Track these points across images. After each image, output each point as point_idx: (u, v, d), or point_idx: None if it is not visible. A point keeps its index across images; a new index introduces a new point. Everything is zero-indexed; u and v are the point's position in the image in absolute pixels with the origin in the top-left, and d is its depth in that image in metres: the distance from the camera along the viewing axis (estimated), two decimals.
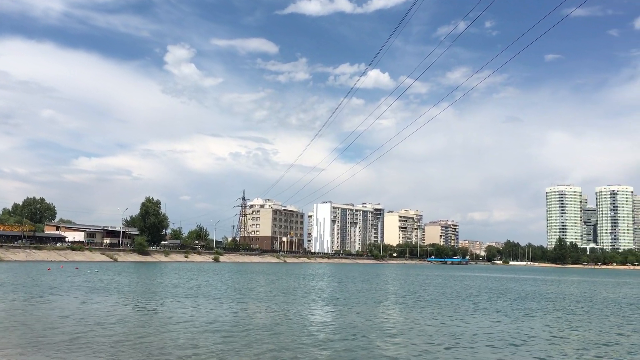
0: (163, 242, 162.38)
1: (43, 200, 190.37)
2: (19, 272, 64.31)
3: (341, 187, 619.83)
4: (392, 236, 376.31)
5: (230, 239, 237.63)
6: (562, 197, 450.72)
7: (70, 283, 49.22)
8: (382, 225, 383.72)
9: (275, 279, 69.03)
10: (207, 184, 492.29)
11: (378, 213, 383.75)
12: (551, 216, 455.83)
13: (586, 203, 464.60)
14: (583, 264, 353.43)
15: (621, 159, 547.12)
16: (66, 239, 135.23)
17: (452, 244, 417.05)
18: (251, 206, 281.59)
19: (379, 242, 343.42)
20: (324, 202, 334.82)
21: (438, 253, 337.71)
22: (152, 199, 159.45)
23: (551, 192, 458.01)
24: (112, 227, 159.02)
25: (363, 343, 21.10)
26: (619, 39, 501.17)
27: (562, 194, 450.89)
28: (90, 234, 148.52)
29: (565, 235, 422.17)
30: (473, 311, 34.70)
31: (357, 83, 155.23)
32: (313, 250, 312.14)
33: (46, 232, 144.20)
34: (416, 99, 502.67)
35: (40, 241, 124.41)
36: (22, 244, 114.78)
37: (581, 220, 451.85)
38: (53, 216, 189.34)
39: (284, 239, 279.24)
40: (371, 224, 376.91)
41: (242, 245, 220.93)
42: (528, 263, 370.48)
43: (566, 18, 32.78)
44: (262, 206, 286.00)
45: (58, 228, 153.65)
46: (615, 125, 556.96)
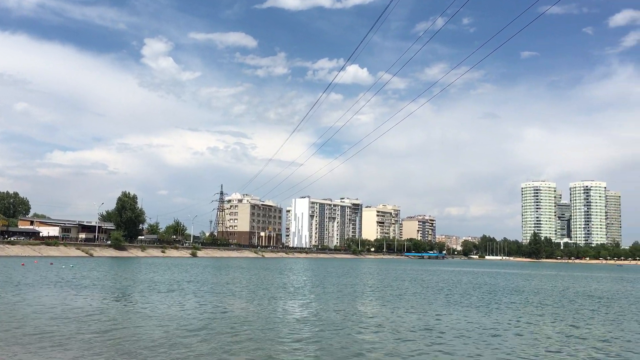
0: (140, 237, 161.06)
1: (17, 194, 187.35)
2: None
3: (319, 182, 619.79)
4: (370, 231, 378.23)
5: (208, 234, 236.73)
6: (537, 193, 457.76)
7: (43, 278, 48.70)
8: (360, 220, 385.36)
9: (252, 274, 69.08)
10: (185, 179, 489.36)
11: (356, 208, 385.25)
12: (526, 211, 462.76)
13: (560, 198, 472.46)
14: (557, 259, 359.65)
15: (595, 155, 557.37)
16: (40, 234, 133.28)
17: (430, 239, 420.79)
18: (229, 201, 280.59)
19: (357, 237, 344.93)
20: (302, 197, 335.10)
21: (415, 248, 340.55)
22: (129, 194, 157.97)
23: (526, 188, 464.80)
24: (88, 222, 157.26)
25: (338, 337, 21.39)
26: (594, 37, 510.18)
27: (537, 190, 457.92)
28: (65, 229, 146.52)
29: (540, 230, 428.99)
30: (446, 305, 35.26)
31: (336, 78, 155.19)
32: (291, 245, 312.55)
33: (20, 227, 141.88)
34: (394, 95, 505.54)
35: (13, 236, 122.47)
36: None
37: (555, 215, 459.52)
38: (27, 211, 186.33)
39: (262, 234, 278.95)
40: (349, 219, 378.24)
41: (220, 240, 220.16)
42: (503, 257, 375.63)
43: (542, 16, 33.34)
44: (240, 201, 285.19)
45: (32, 223, 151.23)
46: (589, 121, 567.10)
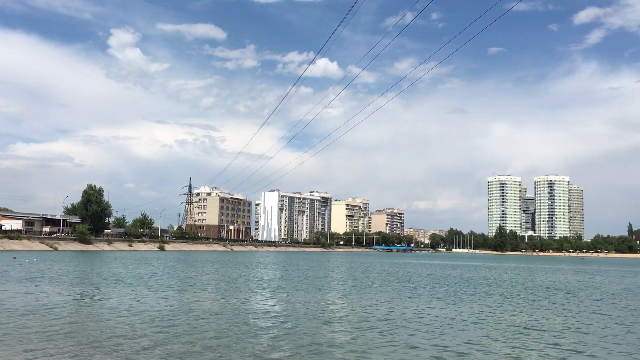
0: (106, 231, 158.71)
1: None
2: None
3: (289, 176, 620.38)
4: (340, 224, 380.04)
5: (176, 228, 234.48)
6: (503, 187, 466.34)
7: (5, 272, 47.75)
8: (330, 213, 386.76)
9: (220, 268, 68.93)
10: (153, 172, 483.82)
11: (325, 201, 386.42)
12: (492, 205, 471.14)
13: (525, 192, 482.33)
14: (521, 251, 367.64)
15: (559, 150, 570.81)
16: (3, 227, 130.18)
17: (398, 232, 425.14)
18: (198, 194, 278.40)
19: (326, 231, 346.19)
20: (272, 191, 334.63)
21: (384, 241, 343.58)
22: (95, 187, 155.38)
23: (492, 182, 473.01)
24: (52, 216, 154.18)
25: (304, 329, 21.66)
26: (559, 34, 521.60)
27: (503, 184, 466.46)
28: (28, 222, 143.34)
29: (505, 223, 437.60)
30: (411, 297, 35.90)
31: (306, 71, 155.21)
32: (260, 238, 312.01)
33: None
34: (364, 89, 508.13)
35: None
36: None
37: (520, 209, 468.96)
38: None
39: (231, 228, 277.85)
40: (318, 213, 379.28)
41: (189, 233, 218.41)
42: (470, 250, 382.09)
43: (509, 12, 34.03)
44: (209, 194, 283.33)
45: None
46: (554, 117, 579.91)
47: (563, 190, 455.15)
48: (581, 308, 32.10)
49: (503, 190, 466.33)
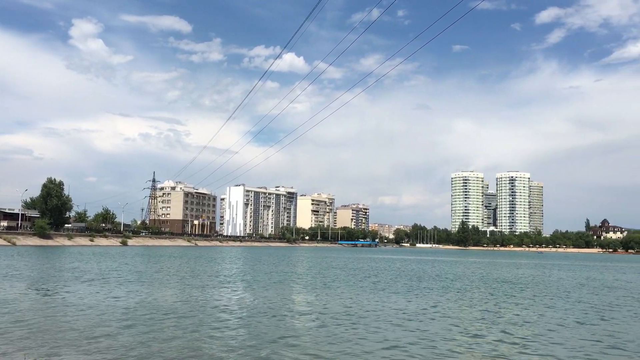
0: (66, 226, 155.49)
1: None
2: None
3: (254, 171, 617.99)
4: (305, 219, 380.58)
5: (139, 222, 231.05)
6: (466, 183, 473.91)
7: None
8: (295, 208, 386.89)
9: (184, 263, 68.50)
10: (115, 165, 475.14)
11: (291, 196, 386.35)
12: (455, 200, 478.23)
13: (487, 188, 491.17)
14: (483, 246, 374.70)
15: (520, 147, 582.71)
16: None
17: (363, 227, 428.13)
18: (162, 188, 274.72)
19: (292, 226, 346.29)
20: (237, 185, 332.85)
21: (349, 236, 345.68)
22: (55, 180, 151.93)
23: (456, 178, 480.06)
24: (10, 210, 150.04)
25: (264, 324, 21.90)
26: (521, 33, 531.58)
27: (466, 180, 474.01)
28: None
29: (468, 218, 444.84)
30: (373, 291, 36.48)
31: (272, 66, 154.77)
32: (225, 233, 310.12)
33: None
34: (330, 84, 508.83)
35: None
36: None
37: (483, 204, 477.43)
38: None
39: (196, 222, 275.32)
40: (284, 208, 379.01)
41: (152, 228, 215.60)
42: (433, 245, 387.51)
43: (473, 10, 34.79)
44: (173, 189, 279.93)
45: None
46: (515, 115, 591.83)
47: (524, 186, 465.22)
48: (535, 301, 33.21)
49: (466, 186, 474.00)
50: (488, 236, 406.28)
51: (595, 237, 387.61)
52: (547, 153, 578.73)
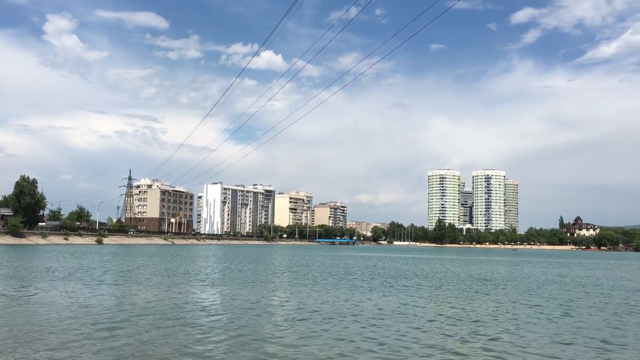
0: (40, 224, 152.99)
1: None
2: None
3: (232, 168, 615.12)
4: (283, 217, 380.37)
5: (115, 221, 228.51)
6: (443, 181, 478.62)
7: None
8: (273, 206, 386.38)
9: (160, 261, 68.01)
10: (90, 163, 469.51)
11: (269, 194, 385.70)
12: (432, 198, 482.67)
13: (464, 186, 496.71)
14: (460, 244, 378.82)
15: (495, 146, 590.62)
16: None
17: (341, 225, 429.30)
18: (138, 186, 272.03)
19: (270, 224, 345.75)
20: (215, 183, 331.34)
21: (327, 234, 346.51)
22: (28, 178, 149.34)
23: (432, 176, 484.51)
24: None
25: (239, 322, 21.95)
26: (497, 33, 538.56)
27: (443, 178, 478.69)
28: None
29: (444, 216, 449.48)
30: (349, 289, 36.71)
31: (250, 63, 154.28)
32: (202, 231, 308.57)
33: None
34: (308, 82, 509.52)
35: None
36: None
37: (459, 202, 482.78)
38: None
39: (173, 220, 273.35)
40: (262, 205, 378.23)
41: (128, 226, 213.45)
42: (410, 243, 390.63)
43: (450, 10, 35.32)
44: (150, 186, 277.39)
45: None
46: (491, 113, 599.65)
47: (499, 184, 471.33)
48: (509, 298, 33.81)
49: (442, 184, 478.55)
50: (464, 234, 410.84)
51: (568, 235, 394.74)
52: (522, 151, 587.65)
